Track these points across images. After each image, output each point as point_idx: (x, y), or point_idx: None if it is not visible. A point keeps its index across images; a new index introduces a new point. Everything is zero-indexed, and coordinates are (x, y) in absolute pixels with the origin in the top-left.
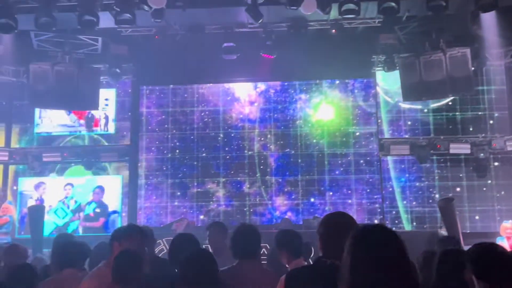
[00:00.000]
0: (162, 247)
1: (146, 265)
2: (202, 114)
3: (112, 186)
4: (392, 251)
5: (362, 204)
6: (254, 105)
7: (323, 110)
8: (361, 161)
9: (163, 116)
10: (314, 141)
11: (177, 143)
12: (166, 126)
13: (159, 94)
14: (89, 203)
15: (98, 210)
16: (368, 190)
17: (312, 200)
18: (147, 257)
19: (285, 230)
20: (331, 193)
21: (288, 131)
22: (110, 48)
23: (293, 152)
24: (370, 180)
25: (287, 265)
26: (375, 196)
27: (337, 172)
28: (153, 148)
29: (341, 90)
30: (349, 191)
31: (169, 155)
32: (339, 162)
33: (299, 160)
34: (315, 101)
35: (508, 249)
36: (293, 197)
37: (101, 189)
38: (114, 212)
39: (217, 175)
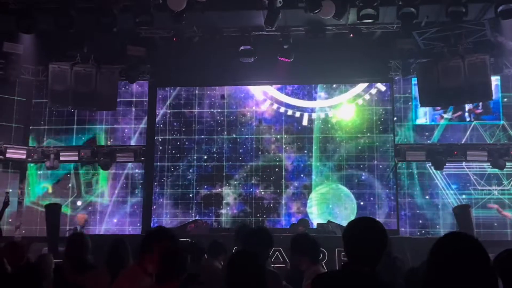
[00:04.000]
0: None
1: None
2: (216, 114)
3: None
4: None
5: (378, 209)
6: (269, 103)
7: (344, 110)
8: (380, 166)
9: (179, 118)
10: (333, 143)
11: (192, 145)
12: (181, 127)
13: (175, 95)
14: None
15: None
16: (384, 196)
17: (328, 205)
18: None
19: (305, 235)
20: (351, 199)
21: (305, 132)
22: (128, 49)
23: (311, 154)
24: (386, 185)
25: (303, 270)
26: (390, 202)
27: (355, 178)
28: (168, 150)
29: (361, 92)
30: (366, 196)
31: (183, 156)
32: (358, 166)
33: (318, 164)
34: (336, 101)
35: None
36: (309, 202)
37: None
38: None
39: (230, 177)
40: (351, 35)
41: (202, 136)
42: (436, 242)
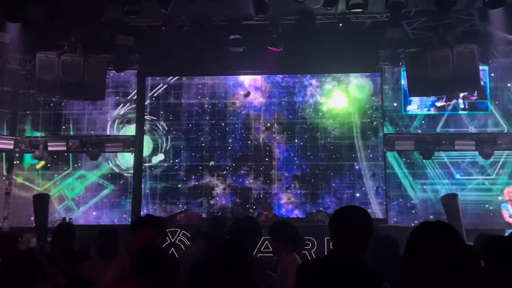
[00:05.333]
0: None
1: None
2: (205, 103)
3: None
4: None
5: (366, 198)
6: (259, 91)
7: (336, 97)
8: (370, 156)
9: (168, 107)
10: (325, 132)
11: (181, 134)
12: (170, 117)
13: (164, 85)
14: None
15: None
16: (373, 185)
17: (319, 194)
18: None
19: (286, 223)
20: (340, 188)
21: (296, 120)
22: (116, 38)
23: (301, 143)
24: (375, 174)
25: (280, 259)
26: (380, 190)
27: (345, 167)
28: (157, 139)
29: (351, 81)
30: (356, 185)
31: (173, 146)
32: (349, 156)
33: (308, 153)
34: (327, 88)
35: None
36: (299, 192)
37: None
38: None
39: (220, 167)
40: (341, 24)
41: (190, 125)
42: (411, 231)
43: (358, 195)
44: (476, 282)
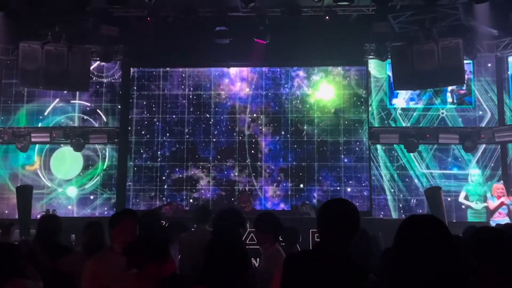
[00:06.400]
0: None
1: None
2: (190, 94)
3: None
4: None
5: (351, 191)
6: (245, 82)
7: (323, 89)
8: (356, 149)
9: (152, 99)
10: (312, 124)
11: (165, 126)
12: (154, 108)
13: (149, 76)
14: None
15: None
16: (359, 178)
17: (302, 187)
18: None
19: (270, 214)
20: (326, 181)
21: (283, 111)
22: (101, 28)
23: (288, 136)
24: (360, 167)
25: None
26: (363, 184)
27: (332, 160)
28: (142, 132)
29: (337, 74)
30: (342, 178)
31: (158, 138)
32: (334, 149)
33: (295, 145)
34: (314, 79)
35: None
36: (286, 185)
37: None
38: None
39: (204, 160)
40: (327, 17)
41: (174, 116)
42: (399, 225)
43: (344, 188)
44: (464, 274)
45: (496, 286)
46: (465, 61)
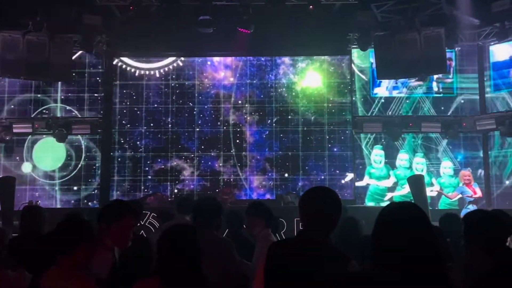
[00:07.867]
0: None
1: None
2: (173, 83)
3: None
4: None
5: (336, 180)
6: (229, 69)
7: (309, 77)
8: (342, 138)
9: (135, 88)
10: (297, 113)
11: (148, 117)
12: (135, 97)
13: (132, 65)
14: None
15: None
16: (342, 166)
17: (287, 176)
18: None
19: (261, 201)
20: (311, 170)
21: (268, 100)
22: (83, 18)
23: (274, 125)
24: (345, 156)
25: (255, 234)
26: (347, 173)
27: (317, 149)
28: (124, 122)
29: (323, 61)
30: (327, 167)
31: (142, 129)
32: (321, 137)
33: (281, 135)
34: (300, 66)
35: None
36: (271, 176)
37: None
38: None
39: (188, 150)
40: (311, 6)
41: (156, 105)
42: (380, 211)
43: (329, 177)
44: (441, 260)
45: (484, 264)
46: (447, 50)
